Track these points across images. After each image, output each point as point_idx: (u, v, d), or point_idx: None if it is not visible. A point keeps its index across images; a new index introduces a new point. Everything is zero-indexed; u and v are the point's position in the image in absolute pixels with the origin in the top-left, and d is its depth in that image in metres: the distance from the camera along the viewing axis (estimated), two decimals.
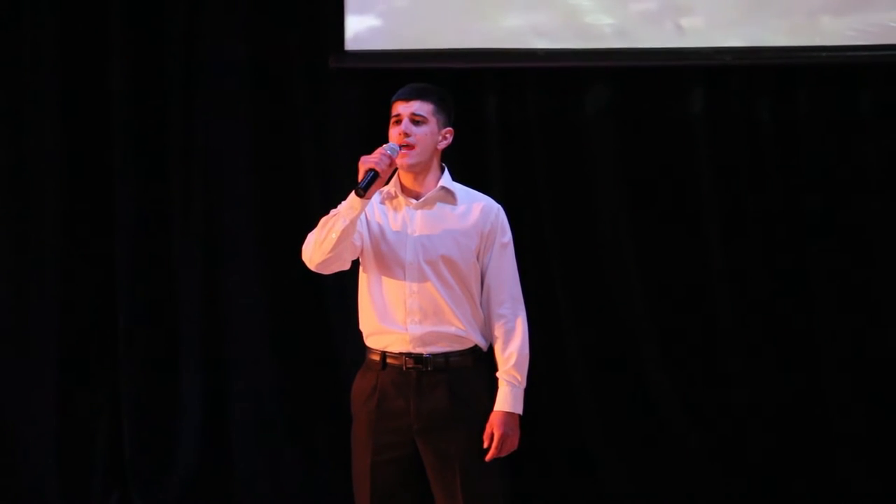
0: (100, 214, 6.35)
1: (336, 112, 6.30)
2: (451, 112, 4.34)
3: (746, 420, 6.16)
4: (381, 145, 4.25)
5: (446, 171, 4.34)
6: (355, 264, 4.33)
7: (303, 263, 4.31)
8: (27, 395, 6.34)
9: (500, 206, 4.36)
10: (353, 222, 4.15)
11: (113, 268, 6.35)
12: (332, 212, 4.22)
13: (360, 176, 4.13)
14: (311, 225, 6.02)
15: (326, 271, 4.27)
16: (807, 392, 6.15)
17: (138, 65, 6.31)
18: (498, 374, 4.27)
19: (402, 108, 4.27)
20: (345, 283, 4.58)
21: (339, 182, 6.14)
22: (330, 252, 4.19)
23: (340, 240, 4.16)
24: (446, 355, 4.24)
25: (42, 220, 6.34)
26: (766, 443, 6.15)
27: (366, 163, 4.13)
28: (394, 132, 4.27)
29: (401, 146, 4.23)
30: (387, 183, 4.28)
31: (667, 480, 6.19)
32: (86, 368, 6.37)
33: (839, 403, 6.13)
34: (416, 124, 4.25)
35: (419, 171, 4.29)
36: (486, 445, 4.21)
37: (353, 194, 4.13)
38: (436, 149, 4.30)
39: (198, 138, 6.34)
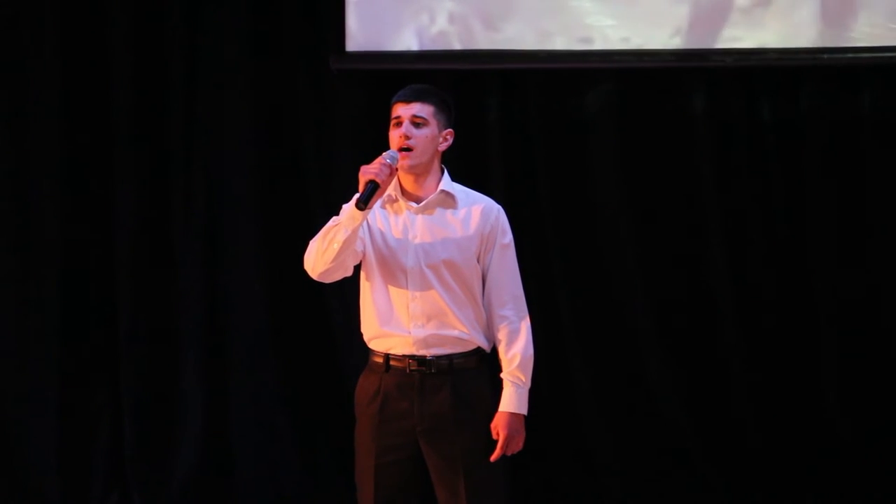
0: (100, 215, 6.35)
1: (337, 112, 6.30)
2: (451, 113, 4.33)
3: (747, 420, 6.16)
4: (381, 148, 4.25)
5: (446, 174, 4.33)
6: (356, 267, 4.32)
7: (304, 265, 4.30)
8: (28, 396, 6.33)
9: (500, 206, 4.36)
10: (354, 232, 4.13)
11: (113, 268, 6.35)
12: (333, 220, 4.19)
13: (361, 187, 4.10)
14: (312, 226, 6.03)
15: (329, 280, 4.26)
16: (808, 392, 6.16)
17: (139, 65, 6.31)
18: (502, 375, 4.27)
19: (403, 111, 4.25)
20: (346, 284, 4.58)
21: (340, 182, 6.16)
22: (332, 262, 4.17)
23: (342, 250, 4.15)
24: (450, 357, 4.24)
25: (42, 220, 6.33)
26: (767, 443, 6.15)
27: (366, 174, 4.11)
28: (394, 134, 4.25)
29: (401, 149, 4.22)
30: None
31: (667, 480, 6.19)
32: (86, 369, 6.37)
33: (841, 404, 6.13)
34: (416, 126, 4.24)
35: (420, 172, 4.28)
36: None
37: (353, 205, 4.11)
38: (436, 150, 4.29)
39: (199, 138, 6.34)
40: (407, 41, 6.18)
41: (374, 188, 4.10)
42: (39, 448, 6.32)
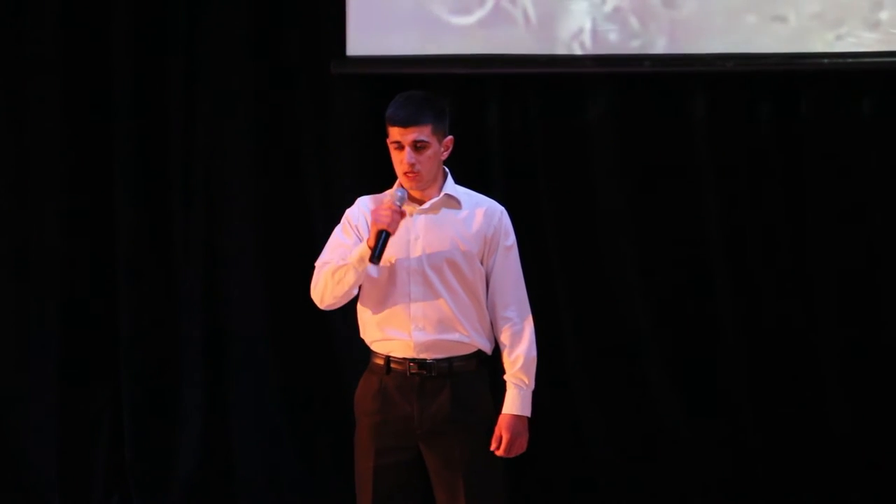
0: (101, 216, 6.35)
1: (337, 117, 6.30)
2: (447, 121, 4.28)
3: (747, 421, 6.16)
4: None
5: (449, 177, 4.33)
6: None
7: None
8: (28, 398, 6.34)
9: (503, 208, 4.36)
10: (364, 271, 4.17)
11: (114, 270, 6.34)
12: (335, 237, 4.23)
13: (372, 237, 4.09)
14: (312, 228, 6.10)
15: (335, 307, 4.30)
16: (808, 393, 6.16)
17: (140, 68, 6.31)
18: (505, 378, 4.28)
19: (402, 137, 4.19)
20: None
21: (339, 185, 6.17)
22: (341, 297, 4.23)
23: (352, 287, 4.20)
24: (450, 360, 4.24)
25: (43, 222, 6.34)
26: (767, 444, 6.16)
27: (378, 223, 4.10)
28: (396, 158, 4.22)
29: (405, 173, 4.19)
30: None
31: (666, 482, 6.20)
32: (87, 371, 6.36)
33: (840, 404, 6.13)
34: (418, 150, 4.20)
35: (425, 187, 4.27)
36: (493, 447, 4.21)
37: (366, 251, 4.11)
38: (440, 162, 4.28)
39: (199, 141, 6.34)
40: (408, 45, 6.17)
41: (386, 238, 4.11)
42: (40, 450, 6.32)
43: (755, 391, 6.16)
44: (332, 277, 4.19)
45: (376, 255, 4.09)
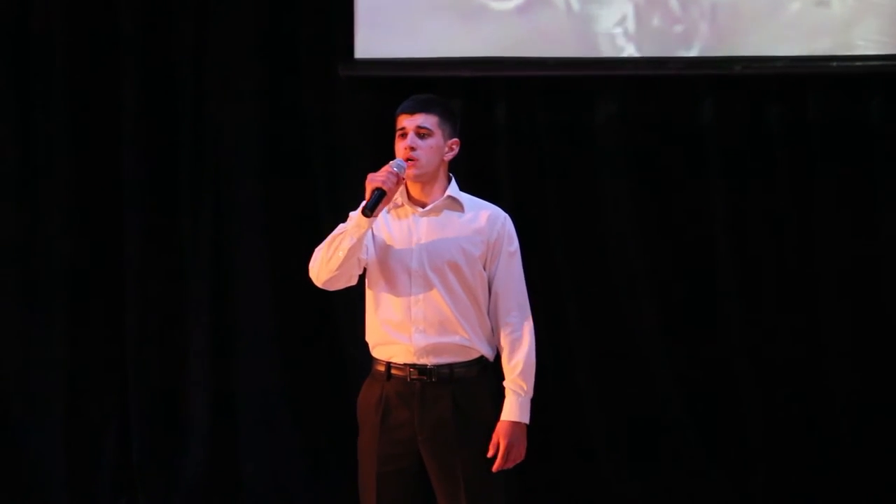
0: (108, 219, 6.37)
1: (345, 119, 6.31)
2: (456, 123, 4.34)
3: (750, 423, 6.17)
4: (389, 154, 4.27)
5: (453, 181, 4.34)
6: (360, 276, 4.33)
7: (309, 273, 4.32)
8: (36, 401, 6.36)
9: (506, 214, 4.36)
10: (360, 240, 4.16)
11: (121, 271, 6.36)
12: (339, 227, 4.22)
13: (367, 195, 4.13)
14: (319, 230, 6.09)
15: (332, 288, 4.29)
16: (811, 393, 6.16)
17: (148, 70, 6.33)
18: (505, 384, 4.27)
19: (407, 122, 4.26)
20: (353, 289, 4.61)
21: (346, 188, 6.17)
22: (337, 270, 4.20)
23: (347, 258, 4.18)
24: (451, 366, 4.24)
25: (50, 224, 6.35)
26: (769, 443, 6.16)
27: (373, 181, 4.13)
28: (400, 146, 4.27)
29: (407, 159, 4.23)
30: None
31: (671, 482, 6.21)
32: (94, 374, 6.38)
33: (843, 404, 6.13)
34: (421, 137, 4.25)
35: (426, 181, 4.29)
36: (491, 454, 4.21)
37: (360, 213, 4.13)
38: (442, 160, 4.30)
39: (207, 143, 6.36)
40: (416, 48, 6.18)
41: (380, 196, 4.13)
42: (47, 455, 6.33)
43: (759, 390, 6.16)
44: (328, 247, 4.21)
45: (368, 207, 4.10)
